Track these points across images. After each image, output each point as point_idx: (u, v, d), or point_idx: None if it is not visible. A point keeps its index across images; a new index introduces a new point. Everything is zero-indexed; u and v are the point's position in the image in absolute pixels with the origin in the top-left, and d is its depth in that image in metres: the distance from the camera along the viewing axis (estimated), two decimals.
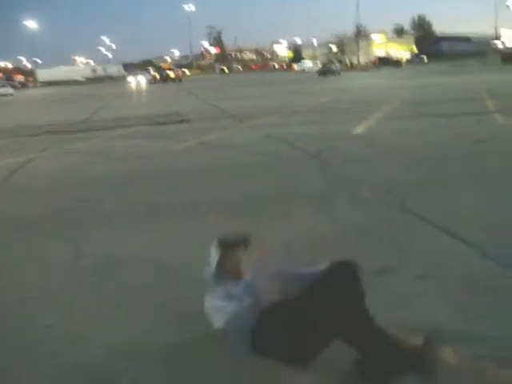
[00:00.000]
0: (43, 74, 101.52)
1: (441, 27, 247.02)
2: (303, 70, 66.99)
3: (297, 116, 17.44)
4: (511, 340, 3.30)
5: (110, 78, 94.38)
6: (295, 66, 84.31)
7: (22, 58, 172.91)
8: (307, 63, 72.80)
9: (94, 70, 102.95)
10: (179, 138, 13.17)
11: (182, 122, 17.34)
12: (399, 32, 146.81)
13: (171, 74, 69.20)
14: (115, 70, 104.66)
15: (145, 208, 6.93)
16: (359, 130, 12.69)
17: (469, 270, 4.35)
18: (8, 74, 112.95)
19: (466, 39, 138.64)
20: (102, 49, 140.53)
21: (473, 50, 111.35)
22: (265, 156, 10.10)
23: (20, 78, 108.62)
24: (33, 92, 77.34)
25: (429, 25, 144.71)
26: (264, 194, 7.23)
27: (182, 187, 8.05)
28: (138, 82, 67.46)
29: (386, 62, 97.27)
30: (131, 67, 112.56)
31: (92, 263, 5.03)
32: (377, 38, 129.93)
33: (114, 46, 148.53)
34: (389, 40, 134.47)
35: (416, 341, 2.91)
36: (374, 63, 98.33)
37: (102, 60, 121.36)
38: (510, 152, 9.48)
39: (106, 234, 5.91)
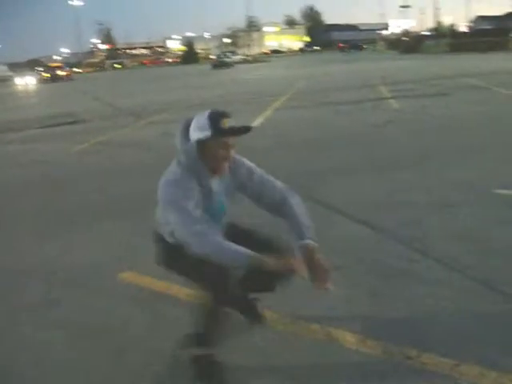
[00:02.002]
0: None
1: (329, 16, 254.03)
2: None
3: (192, 110, 17.12)
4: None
5: None
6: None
7: None
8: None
9: None
10: (75, 140, 12.62)
11: (76, 122, 16.65)
12: (290, 23, 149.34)
13: (61, 73, 66.79)
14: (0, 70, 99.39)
15: (44, 215, 6.57)
16: (258, 121, 12.72)
17: (377, 256, 4.42)
18: None
19: (353, 28, 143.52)
20: None
21: (361, 39, 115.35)
22: (161, 153, 9.84)
23: None
24: None
25: (318, 15, 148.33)
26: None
27: (79, 191, 7.69)
28: (26, 82, 64.42)
29: (277, 52, 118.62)
30: (18, 67, 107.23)
31: None
32: (269, 30, 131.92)
33: None
34: (281, 31, 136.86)
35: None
36: (265, 54, 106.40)
37: None
38: (407, 135, 9.87)
39: None
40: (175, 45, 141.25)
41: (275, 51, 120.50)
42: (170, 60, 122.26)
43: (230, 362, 3.04)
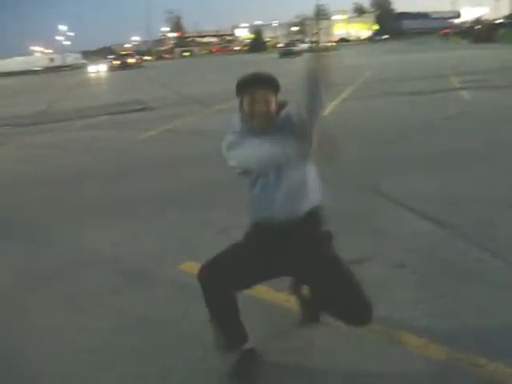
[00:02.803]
0: None
1: (399, 4, 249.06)
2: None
3: None
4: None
5: (68, 67, 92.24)
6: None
7: None
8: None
9: (51, 60, 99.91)
10: (143, 127, 12.84)
11: (144, 110, 16.96)
12: (359, 11, 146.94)
13: (130, 61, 68.25)
14: (74, 58, 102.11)
15: (109, 203, 6.69)
16: (325, 111, 12.53)
17: (445, 255, 4.25)
18: None
19: (425, 16, 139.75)
20: (60, 38, 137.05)
21: (432, 27, 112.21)
22: None
23: None
24: None
25: (387, 2, 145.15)
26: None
27: (145, 180, 7.79)
28: (97, 69, 66.23)
29: (344, 40, 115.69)
30: (90, 55, 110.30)
31: (59, 263, 4.80)
32: (337, 18, 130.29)
33: (71, 34, 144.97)
34: (349, 20, 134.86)
35: None
36: (332, 42, 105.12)
37: (62, 49, 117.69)
38: (479, 127, 9.48)
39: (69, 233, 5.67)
40: (243, 33, 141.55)
41: (342, 40, 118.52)
42: (237, 48, 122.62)
43: (285, 361, 2.99)
